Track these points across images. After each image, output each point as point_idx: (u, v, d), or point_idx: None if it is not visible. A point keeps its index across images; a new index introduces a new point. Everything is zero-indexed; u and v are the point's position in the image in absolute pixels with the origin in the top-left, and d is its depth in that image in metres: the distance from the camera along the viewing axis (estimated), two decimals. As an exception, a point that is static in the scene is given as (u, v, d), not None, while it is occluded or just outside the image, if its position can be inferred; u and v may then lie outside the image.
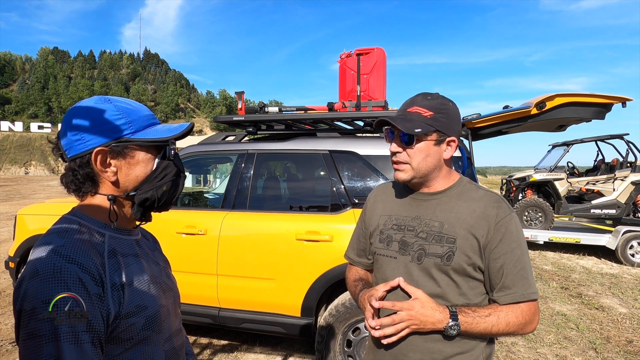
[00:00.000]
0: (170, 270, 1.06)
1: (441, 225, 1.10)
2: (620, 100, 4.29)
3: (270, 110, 3.22)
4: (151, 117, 0.92)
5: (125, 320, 0.79)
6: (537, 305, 1.08)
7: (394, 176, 1.16)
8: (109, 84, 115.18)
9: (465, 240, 1.06)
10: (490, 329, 1.02)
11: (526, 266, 1.07)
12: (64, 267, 0.72)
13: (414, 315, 1.01)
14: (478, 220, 1.07)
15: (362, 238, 1.31)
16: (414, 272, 1.10)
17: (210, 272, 2.96)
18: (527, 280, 1.06)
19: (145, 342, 0.83)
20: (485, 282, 1.09)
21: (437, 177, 1.15)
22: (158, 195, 0.90)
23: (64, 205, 3.46)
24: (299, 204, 3.14)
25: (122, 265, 0.83)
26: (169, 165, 0.92)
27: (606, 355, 3.51)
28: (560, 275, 6.14)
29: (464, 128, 4.10)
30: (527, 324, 1.05)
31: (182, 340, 0.98)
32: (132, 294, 0.82)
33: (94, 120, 0.83)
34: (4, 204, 14.31)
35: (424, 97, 1.12)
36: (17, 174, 49.56)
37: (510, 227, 1.06)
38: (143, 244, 0.97)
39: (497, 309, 1.05)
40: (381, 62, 3.52)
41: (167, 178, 0.91)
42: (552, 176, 8.04)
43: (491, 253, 1.06)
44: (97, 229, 0.85)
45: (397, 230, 1.17)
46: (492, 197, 1.11)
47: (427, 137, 1.09)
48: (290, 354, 3.37)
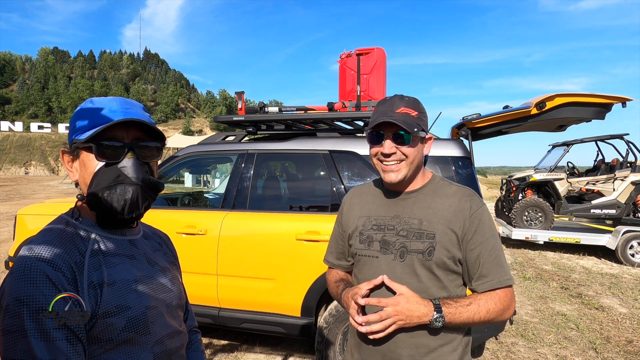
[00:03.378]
0: (174, 272, 1.03)
1: (420, 222, 1.14)
2: (620, 100, 4.30)
3: (270, 110, 3.22)
4: (111, 113, 0.85)
5: (103, 320, 0.78)
6: (513, 291, 1.13)
7: (386, 178, 1.16)
8: (109, 84, 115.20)
9: (444, 235, 1.11)
10: (472, 317, 1.06)
11: (500, 254, 1.13)
12: (33, 265, 0.73)
13: (400, 310, 1.03)
14: (454, 214, 1.13)
15: (340, 241, 1.34)
16: (397, 270, 1.13)
17: (210, 272, 2.96)
18: (502, 267, 1.12)
19: (128, 344, 0.81)
20: (464, 273, 1.15)
21: (417, 174, 1.20)
22: (94, 201, 0.85)
23: (64, 205, 3.46)
24: (299, 204, 3.14)
25: (102, 265, 0.82)
26: (108, 170, 0.84)
27: (606, 355, 3.51)
28: (560, 275, 6.14)
29: (464, 128, 4.10)
30: (506, 309, 1.10)
31: (180, 343, 0.96)
32: (112, 294, 0.81)
33: (71, 123, 0.90)
34: (4, 204, 14.32)
35: (402, 98, 1.16)
36: (17, 174, 49.59)
37: (484, 218, 1.13)
38: (141, 244, 0.96)
39: (477, 297, 1.09)
40: (381, 62, 3.52)
41: (100, 185, 0.84)
42: (552, 176, 8.04)
43: (467, 244, 1.11)
44: (85, 227, 0.86)
45: (378, 230, 1.19)
46: (464, 192, 1.18)
47: (417, 136, 1.14)
48: (290, 354, 3.37)
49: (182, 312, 1.03)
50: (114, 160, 0.85)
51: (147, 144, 0.89)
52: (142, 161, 0.88)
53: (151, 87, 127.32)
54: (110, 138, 0.84)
